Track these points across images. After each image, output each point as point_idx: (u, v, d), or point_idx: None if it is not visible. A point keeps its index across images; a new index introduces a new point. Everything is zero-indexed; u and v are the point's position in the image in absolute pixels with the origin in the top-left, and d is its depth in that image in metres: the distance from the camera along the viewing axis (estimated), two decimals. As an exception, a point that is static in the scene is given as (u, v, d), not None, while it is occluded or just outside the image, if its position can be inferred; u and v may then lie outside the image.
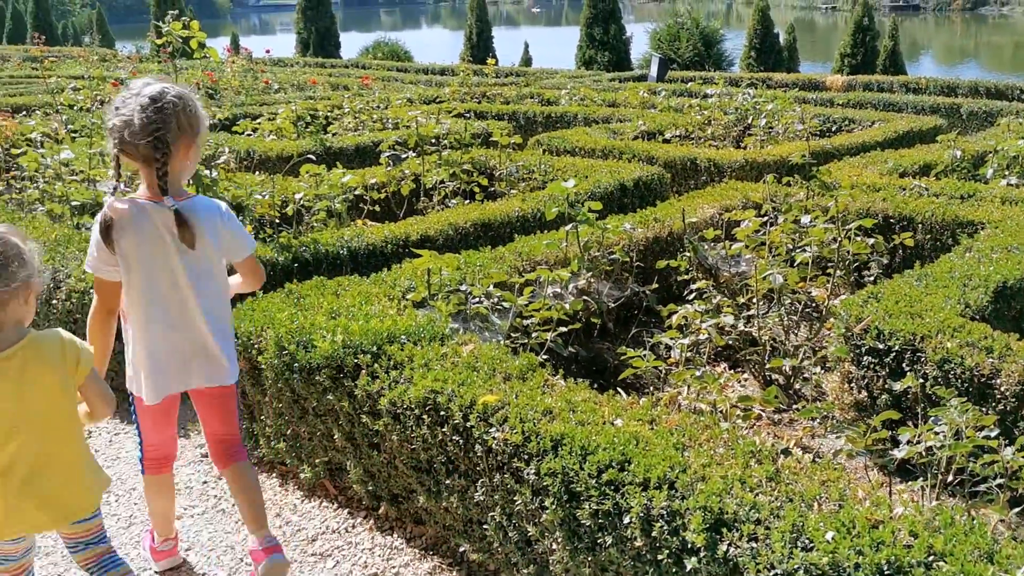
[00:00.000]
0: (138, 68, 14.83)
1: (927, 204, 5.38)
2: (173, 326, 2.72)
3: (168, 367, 2.74)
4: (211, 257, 2.73)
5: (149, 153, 2.54)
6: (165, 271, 2.67)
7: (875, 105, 12.11)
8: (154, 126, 2.51)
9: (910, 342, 3.50)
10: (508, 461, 2.68)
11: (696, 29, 21.70)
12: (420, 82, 17.67)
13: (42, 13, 37.05)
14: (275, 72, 17.38)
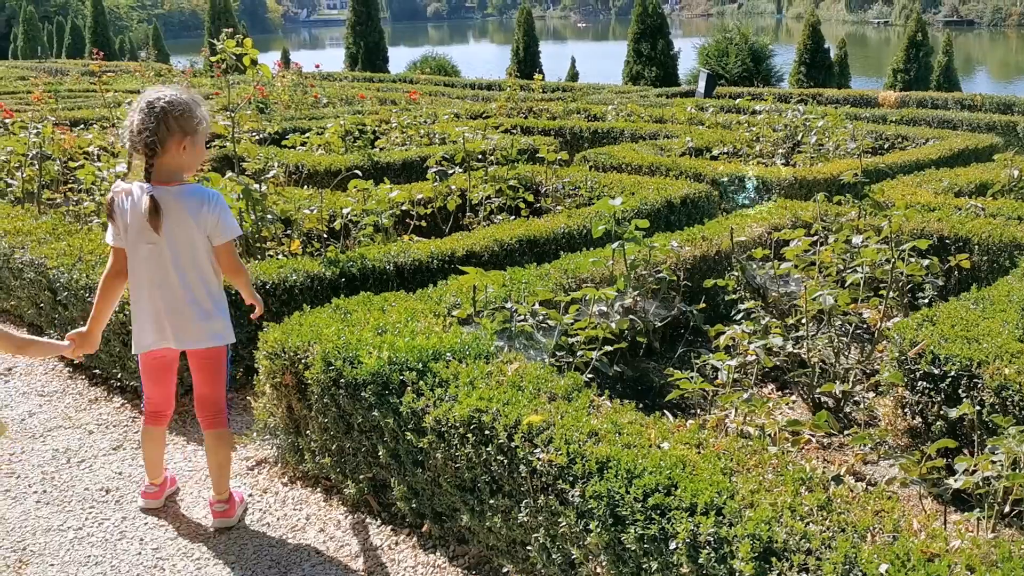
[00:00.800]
0: (191, 83, 15.14)
1: (984, 225, 5.26)
2: (153, 290, 3.21)
3: (148, 325, 3.25)
4: (192, 235, 3.18)
5: (144, 148, 3.07)
6: (149, 243, 3.16)
7: (929, 122, 11.90)
8: (146, 127, 3.05)
9: (966, 368, 3.41)
10: (553, 482, 2.66)
11: (745, 44, 21.53)
12: (467, 97, 17.79)
13: (100, 28, 37.99)
14: (324, 86, 17.60)
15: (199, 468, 3.87)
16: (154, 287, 3.20)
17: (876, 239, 4.68)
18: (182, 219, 3.15)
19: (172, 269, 3.19)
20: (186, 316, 3.23)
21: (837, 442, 3.92)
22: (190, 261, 3.20)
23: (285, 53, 30.70)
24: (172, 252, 3.18)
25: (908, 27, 19.21)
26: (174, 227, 3.15)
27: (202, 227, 3.19)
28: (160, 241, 3.14)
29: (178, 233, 3.16)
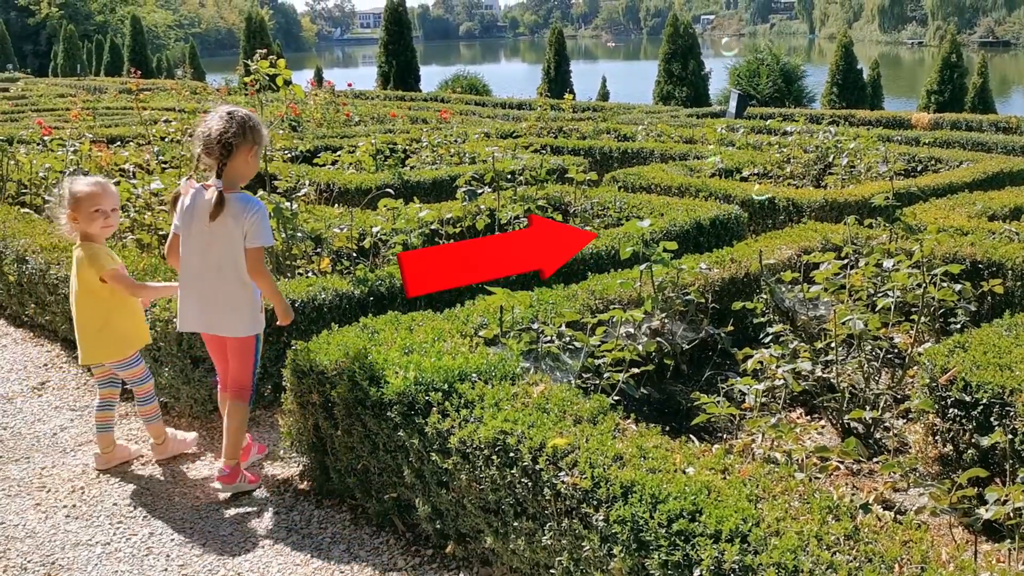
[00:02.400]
0: (227, 101, 15.36)
1: (1018, 250, 5.19)
2: (195, 280, 3.68)
3: (188, 309, 3.73)
4: (233, 235, 3.58)
5: (220, 149, 3.52)
6: (200, 237, 3.61)
7: (963, 144, 11.77)
8: (226, 131, 3.51)
9: (999, 395, 3.36)
10: (577, 506, 2.66)
11: (776, 65, 21.48)
12: (498, 116, 17.88)
13: (138, 47, 38.73)
14: (356, 105, 17.79)
15: (226, 484, 3.90)
16: (196, 278, 3.66)
17: (907, 263, 4.63)
18: (228, 221, 3.56)
19: (212, 264, 3.62)
20: (218, 307, 3.68)
21: (867, 468, 3.88)
22: (228, 259, 3.61)
23: (318, 71, 31.13)
24: (215, 249, 3.60)
25: (942, 48, 19.06)
26: (220, 227, 3.57)
27: (242, 230, 3.57)
28: (207, 238, 3.59)
29: (222, 233, 3.57)
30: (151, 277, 4.78)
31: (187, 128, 7.37)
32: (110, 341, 3.92)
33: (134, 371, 4.03)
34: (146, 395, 4.08)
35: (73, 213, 3.83)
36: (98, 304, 3.87)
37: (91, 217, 3.84)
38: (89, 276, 3.83)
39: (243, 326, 3.72)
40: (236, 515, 3.66)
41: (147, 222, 6.01)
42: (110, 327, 3.90)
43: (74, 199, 3.83)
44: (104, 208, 3.86)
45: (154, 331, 4.30)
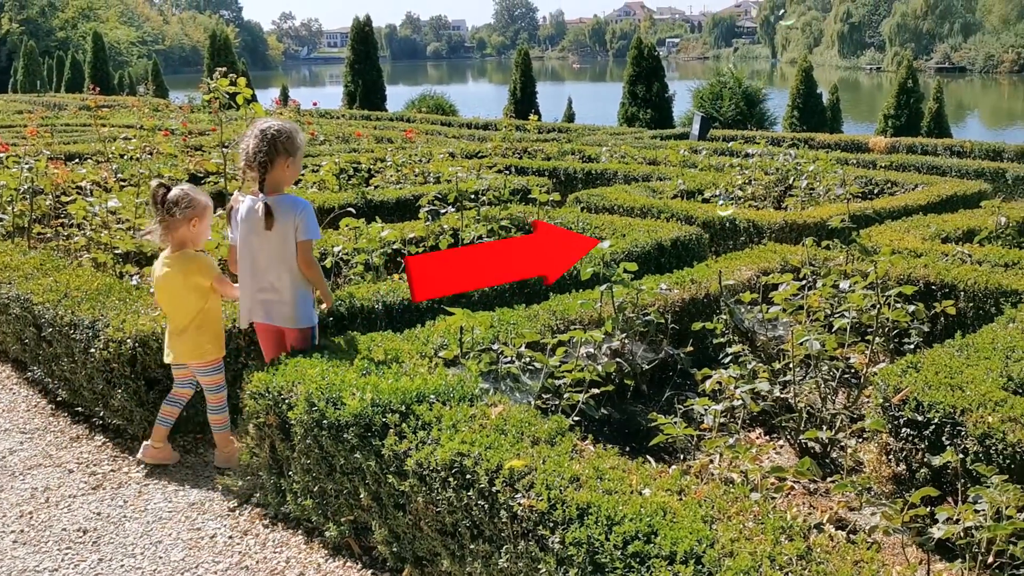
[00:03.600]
0: (189, 119, 15.24)
1: (970, 272, 5.29)
2: (251, 276, 3.99)
3: (246, 302, 4.06)
4: (285, 234, 3.90)
5: (258, 166, 3.86)
6: (254, 240, 3.93)
7: (918, 168, 11.99)
8: (259, 149, 3.84)
9: (950, 415, 3.41)
10: (533, 528, 2.64)
11: (739, 88, 21.77)
12: (463, 136, 17.92)
13: (100, 63, 38.31)
14: (321, 124, 17.73)
15: (179, 509, 3.84)
16: (252, 275, 3.99)
17: (863, 284, 4.70)
18: (279, 222, 3.88)
19: (265, 262, 3.96)
20: (271, 299, 3.98)
21: (823, 488, 3.91)
22: (280, 257, 3.93)
23: (284, 90, 31.01)
24: (267, 249, 3.93)
25: (899, 73, 19.43)
26: (274, 227, 3.88)
27: (293, 227, 3.90)
28: (261, 241, 3.91)
29: (276, 233, 3.89)
30: (105, 297, 4.71)
31: (146, 146, 7.30)
32: (201, 344, 4.11)
33: (214, 378, 4.17)
34: (219, 405, 4.20)
35: (197, 221, 4.10)
36: (196, 308, 4.09)
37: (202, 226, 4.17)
38: (198, 280, 4.08)
39: (301, 317, 4.00)
40: (189, 539, 3.60)
41: (104, 241, 5.93)
42: (203, 330, 4.11)
43: (203, 208, 4.14)
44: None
45: (107, 352, 4.24)
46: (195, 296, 4.07)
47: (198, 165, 6.45)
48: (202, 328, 4.10)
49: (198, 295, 4.08)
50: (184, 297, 4.08)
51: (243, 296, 4.06)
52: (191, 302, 4.07)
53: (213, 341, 4.14)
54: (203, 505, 3.87)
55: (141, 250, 5.91)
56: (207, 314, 4.12)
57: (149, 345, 4.22)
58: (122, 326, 4.30)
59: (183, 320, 4.08)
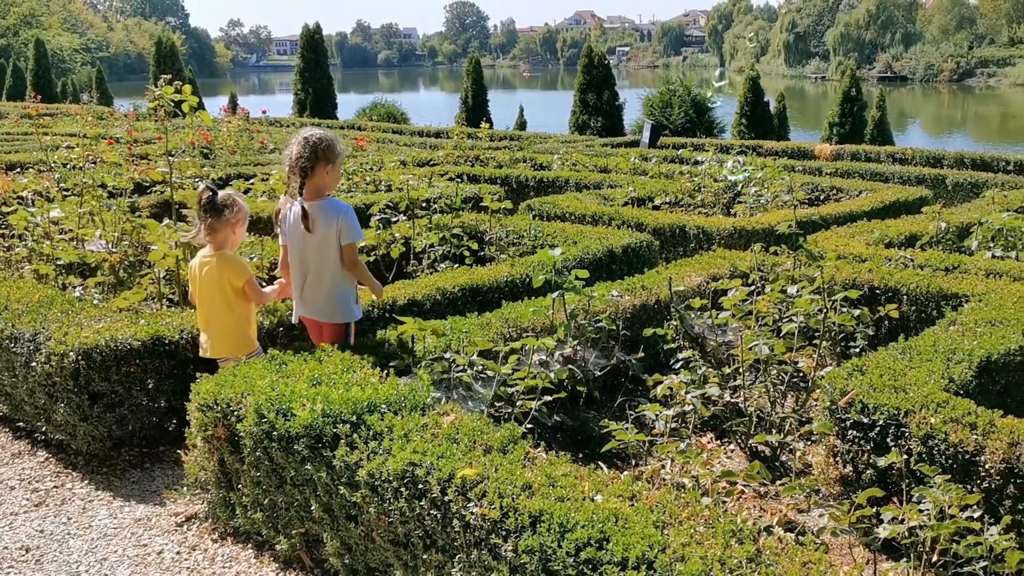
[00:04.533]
0: (134, 127, 14.98)
1: (912, 276, 5.41)
2: (298, 275, 4.26)
3: (296, 299, 4.34)
4: (328, 237, 4.15)
5: (299, 171, 4.10)
6: (299, 241, 4.18)
7: (862, 175, 12.24)
8: (302, 155, 4.07)
9: (894, 417, 3.48)
10: (486, 537, 2.64)
11: (688, 96, 22.02)
12: (415, 144, 17.86)
13: (42, 71, 37.50)
14: (271, 132, 17.55)
15: (125, 525, 3.76)
16: (300, 274, 4.25)
17: (810, 289, 4.78)
18: (321, 226, 4.13)
19: (311, 261, 4.21)
20: (316, 296, 4.24)
21: (773, 491, 3.96)
22: (323, 257, 4.19)
23: (233, 98, 30.61)
24: (312, 249, 4.19)
25: (843, 82, 19.83)
26: (316, 232, 4.14)
27: (336, 231, 4.15)
28: (306, 240, 4.15)
29: (319, 236, 4.15)
30: (47, 310, 4.60)
31: (89, 154, 7.15)
32: (240, 338, 4.29)
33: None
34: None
35: (239, 225, 4.34)
36: (235, 305, 4.29)
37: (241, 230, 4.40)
38: (232, 281, 4.27)
39: (338, 313, 4.26)
40: (136, 556, 3.53)
41: (46, 252, 5.79)
42: (241, 326, 4.31)
43: (245, 214, 4.38)
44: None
45: (48, 365, 4.14)
46: (230, 294, 4.28)
47: (143, 174, 6.33)
48: (237, 324, 4.30)
49: (233, 294, 4.29)
50: (219, 295, 4.27)
51: (294, 294, 4.36)
52: (226, 300, 4.27)
53: (247, 335, 4.34)
54: (150, 521, 3.80)
55: (84, 261, 5.79)
56: (242, 310, 4.32)
57: (93, 358, 4.13)
58: (64, 339, 4.20)
59: (217, 316, 4.28)
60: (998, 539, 2.67)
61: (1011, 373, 4.13)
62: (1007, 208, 7.26)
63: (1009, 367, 4.11)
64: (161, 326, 4.41)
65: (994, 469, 3.20)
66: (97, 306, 5.04)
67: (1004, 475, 3.18)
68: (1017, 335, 4.28)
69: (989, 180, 11.35)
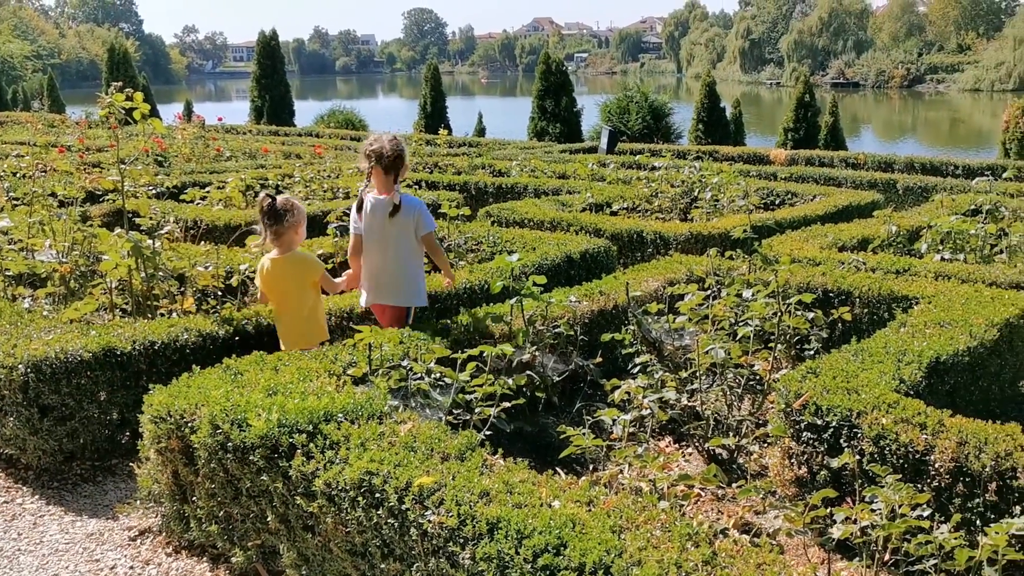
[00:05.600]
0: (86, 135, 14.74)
1: (864, 279, 5.50)
2: (377, 264, 4.73)
3: (372, 287, 4.80)
4: (406, 228, 4.69)
5: (390, 167, 4.63)
6: (379, 232, 4.68)
7: (816, 179, 12.44)
8: (394, 152, 4.62)
9: (847, 418, 3.53)
10: (444, 545, 2.63)
11: (645, 102, 22.21)
12: (373, 151, 17.76)
13: (-9, 78, 36.73)
14: (227, 140, 17.37)
15: (76, 540, 3.69)
16: (374, 262, 4.72)
17: (765, 293, 4.84)
18: (401, 217, 4.65)
19: (386, 250, 4.69)
20: (388, 282, 4.73)
21: (731, 493, 3.99)
22: (397, 246, 4.67)
23: (188, 105, 30.27)
24: (389, 239, 4.67)
25: (797, 88, 20.14)
26: (397, 222, 4.64)
27: (413, 222, 4.67)
28: (387, 230, 4.64)
29: (399, 226, 4.65)
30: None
31: (39, 163, 7.02)
32: (312, 331, 4.63)
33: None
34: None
35: (300, 225, 4.66)
36: (307, 300, 4.63)
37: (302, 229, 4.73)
38: (310, 277, 4.64)
39: (412, 298, 4.78)
40: (88, 571, 3.46)
41: (-6, 262, 5.66)
42: (312, 320, 4.66)
43: (304, 215, 4.71)
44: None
45: (-3, 378, 4.05)
46: (307, 290, 4.63)
47: (94, 183, 6.23)
48: (310, 318, 4.64)
49: (309, 290, 4.64)
50: (295, 292, 4.60)
51: (367, 282, 4.78)
52: (302, 296, 4.61)
53: (320, 327, 4.70)
54: (102, 535, 3.73)
55: (34, 271, 5.67)
56: (315, 304, 4.69)
57: (42, 371, 4.04)
58: (13, 351, 4.12)
59: (293, 312, 4.62)
60: (948, 537, 2.72)
61: (959, 373, 4.22)
62: (955, 211, 7.42)
63: (957, 368, 4.20)
64: (113, 337, 4.34)
65: (943, 468, 3.26)
66: (47, 317, 4.95)
67: (953, 474, 3.24)
68: (965, 336, 4.37)
69: (938, 184, 11.60)
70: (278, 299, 4.66)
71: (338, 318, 5.11)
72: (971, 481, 3.20)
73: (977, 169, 12.84)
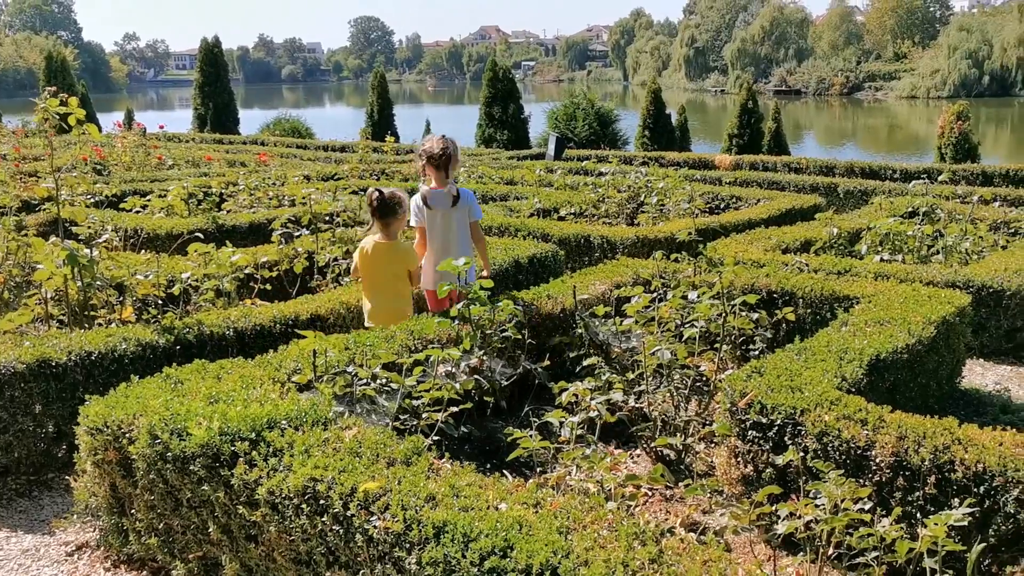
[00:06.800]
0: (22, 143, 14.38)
1: (807, 280, 5.58)
2: (442, 250, 5.26)
3: (432, 269, 5.22)
4: (463, 215, 5.31)
5: (443, 164, 5.26)
6: (442, 221, 5.28)
7: (760, 184, 12.63)
8: (444, 151, 5.26)
9: (791, 416, 3.58)
10: (390, 551, 2.59)
11: (592, 109, 22.35)
12: (320, 159, 17.63)
13: (-77, 86, 35.64)
14: (169, 148, 17.08)
15: (11, 556, 3.57)
16: (439, 247, 5.26)
17: (710, 294, 4.89)
18: (460, 208, 5.28)
19: (450, 235, 5.29)
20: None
21: (679, 494, 4.02)
22: (459, 233, 5.31)
23: (129, 113, 29.64)
24: (451, 227, 5.29)
25: (741, 95, 20.44)
26: (456, 211, 5.27)
27: (466, 211, 5.31)
28: (445, 220, 5.25)
29: (457, 215, 5.28)
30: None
31: (-29, 172, 6.81)
32: (402, 309, 5.12)
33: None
34: None
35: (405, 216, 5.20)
36: (399, 284, 5.15)
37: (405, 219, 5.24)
38: (409, 265, 5.18)
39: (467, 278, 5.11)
40: (23, 590, 3.35)
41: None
42: (399, 299, 5.16)
43: (406, 205, 5.21)
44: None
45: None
46: (401, 276, 5.15)
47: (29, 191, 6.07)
48: (399, 298, 5.15)
49: (403, 275, 5.16)
50: (391, 275, 5.13)
51: (432, 264, 5.21)
52: (396, 280, 5.13)
53: (408, 305, 5.19)
54: (38, 551, 3.62)
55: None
56: (404, 287, 5.19)
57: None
58: (-58, 364, 3.98)
59: (385, 292, 5.11)
60: (889, 530, 2.76)
61: (899, 370, 4.31)
62: (893, 214, 7.59)
63: (897, 364, 4.28)
64: (48, 348, 4.23)
65: (884, 463, 3.32)
66: (-21, 329, 4.79)
67: (894, 468, 3.30)
68: (904, 334, 4.46)
69: (877, 188, 11.85)
70: (373, 279, 5.13)
71: (283, 325, 5.04)
72: (911, 475, 3.26)
73: (914, 173, 13.15)
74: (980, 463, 3.12)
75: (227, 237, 7.55)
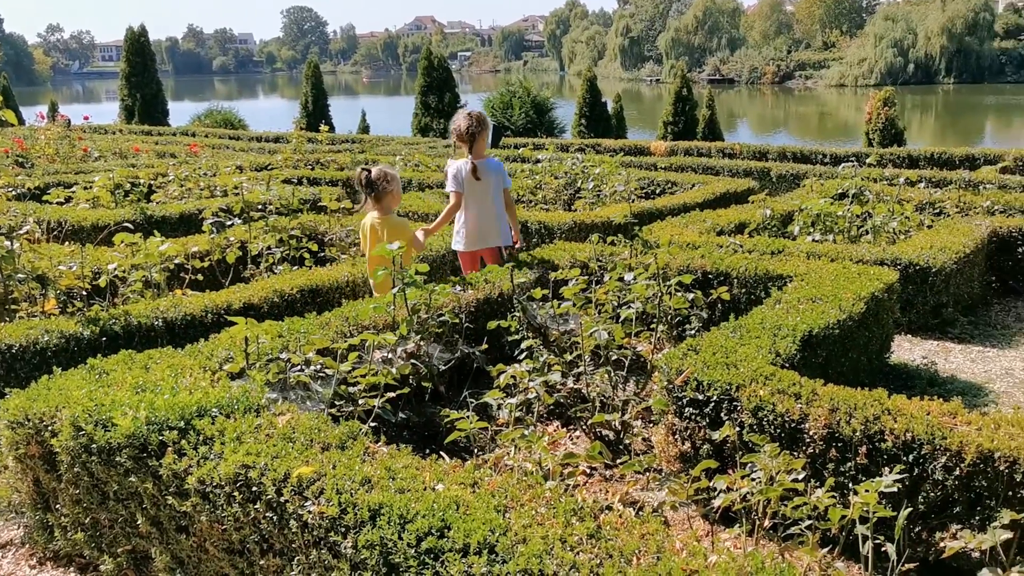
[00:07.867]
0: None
1: (741, 260, 5.65)
2: (478, 216, 5.88)
3: (475, 235, 5.94)
4: (495, 184, 5.88)
5: (470, 139, 5.79)
6: (477, 189, 5.83)
7: (695, 169, 12.77)
8: (469, 126, 5.78)
9: (727, 391, 3.61)
10: (325, 535, 2.54)
11: (528, 97, 22.35)
12: (253, 150, 17.31)
13: None
14: (95, 140, 16.58)
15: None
16: (476, 214, 5.87)
17: (646, 275, 4.92)
18: (491, 177, 5.82)
19: (485, 202, 5.85)
20: (489, 228, 5.93)
21: (619, 474, 4.03)
22: (494, 198, 5.87)
23: (53, 106, 28.72)
24: (487, 193, 5.83)
25: (675, 84, 20.63)
26: (486, 182, 5.78)
27: (499, 180, 5.87)
28: (481, 187, 5.79)
29: (488, 185, 5.80)
30: None
31: None
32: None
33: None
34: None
35: (396, 190, 5.58)
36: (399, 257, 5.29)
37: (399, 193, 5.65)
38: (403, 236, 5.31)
39: (502, 239, 5.97)
40: (-59, 592, 3.22)
41: None
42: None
43: (398, 179, 5.61)
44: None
45: None
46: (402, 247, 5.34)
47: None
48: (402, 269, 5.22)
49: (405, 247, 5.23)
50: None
51: (470, 230, 5.89)
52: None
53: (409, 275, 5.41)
54: (-42, 553, 3.47)
55: None
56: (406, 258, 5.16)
57: None
58: None
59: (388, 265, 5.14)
60: (822, 498, 2.80)
61: (831, 345, 4.38)
62: (824, 196, 7.72)
63: (829, 340, 4.35)
64: (-35, 341, 4.05)
65: (817, 435, 3.37)
66: None
67: (826, 440, 3.35)
68: (835, 310, 4.54)
69: (809, 171, 12.06)
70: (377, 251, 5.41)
71: (215, 315, 4.92)
72: (843, 446, 3.32)
73: (843, 157, 13.42)
74: (909, 432, 3.18)
75: (157, 228, 7.36)
